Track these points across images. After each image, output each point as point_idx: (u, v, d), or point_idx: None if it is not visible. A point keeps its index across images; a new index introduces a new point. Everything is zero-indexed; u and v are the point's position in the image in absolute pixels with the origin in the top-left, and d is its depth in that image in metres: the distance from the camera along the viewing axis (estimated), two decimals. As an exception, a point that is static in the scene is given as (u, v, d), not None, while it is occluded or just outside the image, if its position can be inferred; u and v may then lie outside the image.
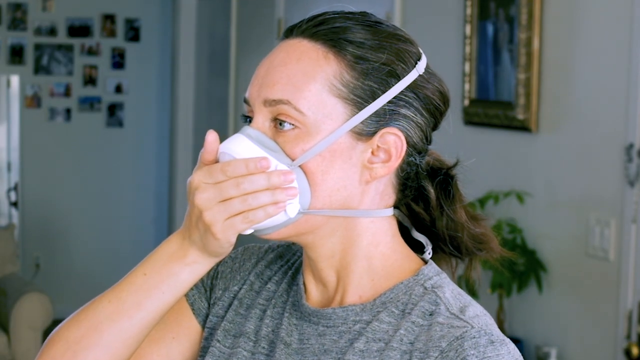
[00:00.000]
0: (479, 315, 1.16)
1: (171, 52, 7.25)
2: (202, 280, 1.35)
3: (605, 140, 3.15)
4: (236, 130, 6.23)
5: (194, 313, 1.34)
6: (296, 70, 1.18)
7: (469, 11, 3.79)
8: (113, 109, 7.29)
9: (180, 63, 6.98)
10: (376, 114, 1.18)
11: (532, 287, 3.44)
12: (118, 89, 7.28)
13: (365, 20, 1.21)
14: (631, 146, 3.03)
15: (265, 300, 1.30)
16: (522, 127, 3.50)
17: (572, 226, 3.30)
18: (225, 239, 1.17)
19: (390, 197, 1.23)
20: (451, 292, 1.20)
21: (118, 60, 7.28)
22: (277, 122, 1.18)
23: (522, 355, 1.16)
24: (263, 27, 5.77)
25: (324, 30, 1.19)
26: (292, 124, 1.17)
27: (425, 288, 1.20)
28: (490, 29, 3.70)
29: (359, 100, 1.18)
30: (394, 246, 1.24)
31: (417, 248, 1.28)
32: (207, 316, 1.34)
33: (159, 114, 7.41)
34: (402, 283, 1.21)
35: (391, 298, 1.20)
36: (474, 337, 1.12)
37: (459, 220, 1.26)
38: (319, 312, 1.23)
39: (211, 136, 1.19)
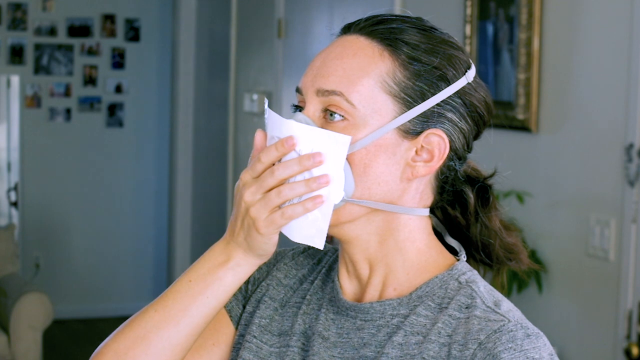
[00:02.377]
0: (512, 310, 1.21)
1: (171, 52, 7.25)
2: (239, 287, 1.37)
3: (605, 140, 3.15)
4: (236, 130, 6.22)
5: (231, 319, 1.37)
6: (352, 65, 1.22)
7: (469, 11, 3.79)
8: (113, 109, 7.29)
9: (180, 63, 6.98)
10: (423, 114, 1.22)
11: (532, 287, 3.44)
12: (118, 89, 7.28)
13: (420, 25, 1.26)
14: (631, 146, 3.03)
15: (301, 298, 1.34)
16: (522, 127, 3.50)
17: (572, 226, 3.30)
18: (269, 235, 1.20)
19: (429, 198, 1.27)
20: (484, 287, 1.24)
21: (118, 60, 7.28)
22: (328, 112, 1.22)
23: (550, 345, 1.20)
24: (263, 27, 5.77)
25: (382, 29, 1.24)
26: (342, 116, 1.21)
27: (460, 282, 1.24)
28: (490, 29, 3.70)
29: (408, 100, 1.22)
30: (429, 243, 1.28)
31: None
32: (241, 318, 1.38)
33: (159, 114, 7.41)
34: (437, 277, 1.25)
35: (427, 292, 1.24)
36: (511, 331, 1.16)
37: (492, 228, 1.31)
38: (357, 307, 1.26)
39: (259, 135, 1.23)
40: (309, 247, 1.39)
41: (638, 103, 3.00)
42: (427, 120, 1.22)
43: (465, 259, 1.30)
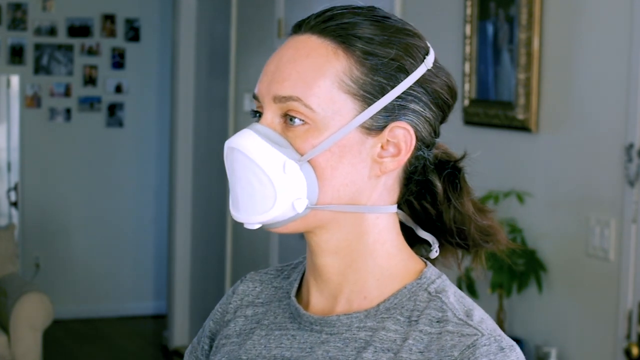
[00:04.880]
0: (484, 319, 1.18)
1: (171, 52, 7.25)
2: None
3: (605, 140, 3.15)
4: (236, 130, 6.22)
5: None
6: (306, 67, 1.18)
7: (469, 11, 3.79)
8: (113, 109, 7.30)
9: (180, 63, 6.98)
10: (385, 109, 1.18)
11: (532, 287, 3.44)
12: (118, 89, 7.29)
13: (373, 16, 1.21)
14: (631, 146, 3.03)
15: (255, 323, 1.29)
16: (522, 127, 3.50)
17: (572, 226, 3.30)
18: None
19: (396, 193, 1.23)
20: (454, 296, 1.21)
21: (118, 60, 7.28)
22: (287, 117, 1.18)
23: (523, 355, 1.18)
24: (263, 27, 5.77)
25: (333, 26, 1.19)
26: (302, 120, 1.17)
27: (429, 293, 1.20)
28: (490, 29, 3.70)
29: (368, 96, 1.18)
30: (398, 245, 1.24)
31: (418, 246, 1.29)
32: None
33: (159, 114, 7.41)
34: (405, 288, 1.21)
35: (395, 304, 1.20)
36: (485, 345, 1.14)
37: (466, 213, 1.26)
38: (322, 320, 1.22)
39: None
40: (246, 275, 1.35)
41: (638, 103, 3.00)
42: (389, 114, 1.19)
43: (438, 253, 1.26)
